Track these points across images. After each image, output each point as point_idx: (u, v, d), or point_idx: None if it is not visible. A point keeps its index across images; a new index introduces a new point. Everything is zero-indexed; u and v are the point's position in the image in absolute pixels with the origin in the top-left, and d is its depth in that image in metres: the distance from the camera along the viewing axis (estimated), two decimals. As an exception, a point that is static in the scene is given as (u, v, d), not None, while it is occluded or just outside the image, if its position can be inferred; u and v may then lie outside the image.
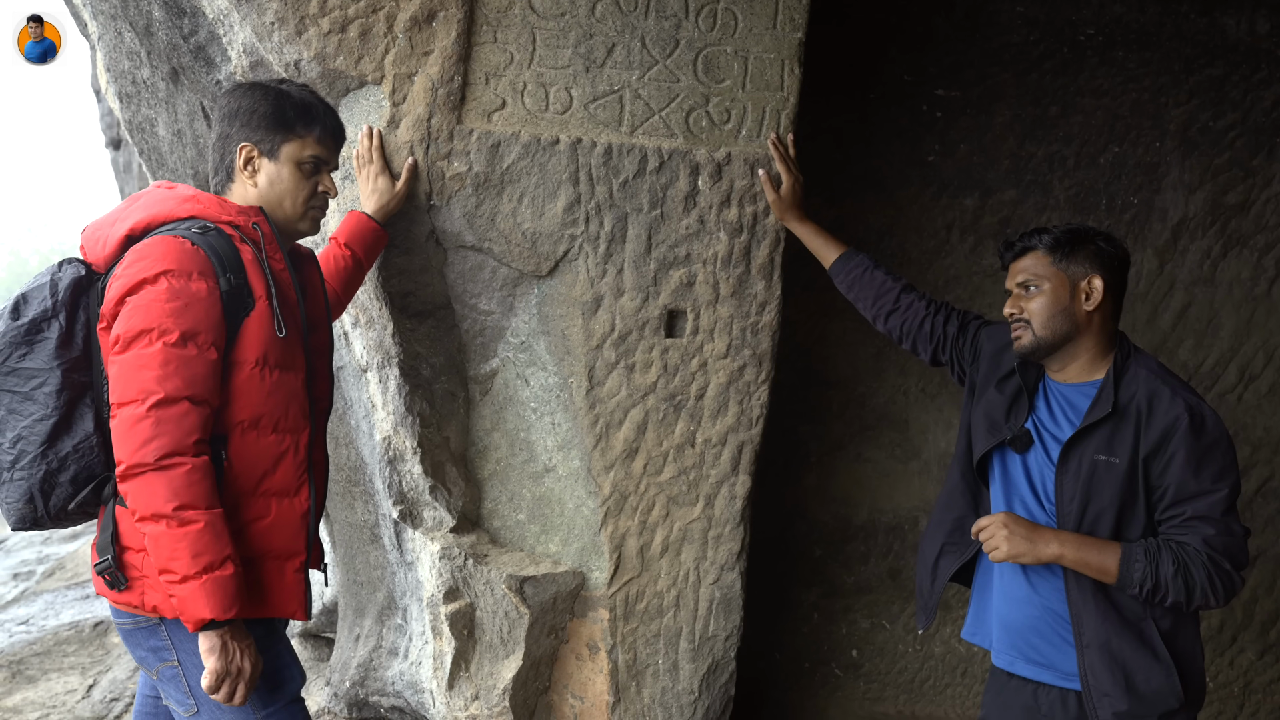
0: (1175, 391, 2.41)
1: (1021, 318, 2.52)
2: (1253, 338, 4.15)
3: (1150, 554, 2.32)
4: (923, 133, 3.86)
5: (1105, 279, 2.48)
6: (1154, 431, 2.38)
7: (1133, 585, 2.34)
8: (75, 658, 4.97)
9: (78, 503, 2.31)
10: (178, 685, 2.39)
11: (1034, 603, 2.54)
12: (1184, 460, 2.35)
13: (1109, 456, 2.42)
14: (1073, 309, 2.48)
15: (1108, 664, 2.41)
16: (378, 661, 3.68)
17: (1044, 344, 2.51)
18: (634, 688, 3.39)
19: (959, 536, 2.71)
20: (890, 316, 3.02)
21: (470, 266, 3.14)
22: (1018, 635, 2.57)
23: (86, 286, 2.35)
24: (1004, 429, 2.59)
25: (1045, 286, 2.49)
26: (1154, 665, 2.40)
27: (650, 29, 3.02)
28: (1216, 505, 2.34)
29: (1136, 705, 2.40)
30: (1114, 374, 2.46)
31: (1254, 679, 4.49)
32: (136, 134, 3.82)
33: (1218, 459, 2.36)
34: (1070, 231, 2.51)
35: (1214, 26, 3.83)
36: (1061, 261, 2.49)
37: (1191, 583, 2.30)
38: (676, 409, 3.24)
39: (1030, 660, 2.56)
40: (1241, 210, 4.02)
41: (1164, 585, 2.31)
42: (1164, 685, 2.40)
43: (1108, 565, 2.36)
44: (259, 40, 2.90)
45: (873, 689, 4.31)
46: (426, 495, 3.27)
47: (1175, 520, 2.37)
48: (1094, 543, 2.38)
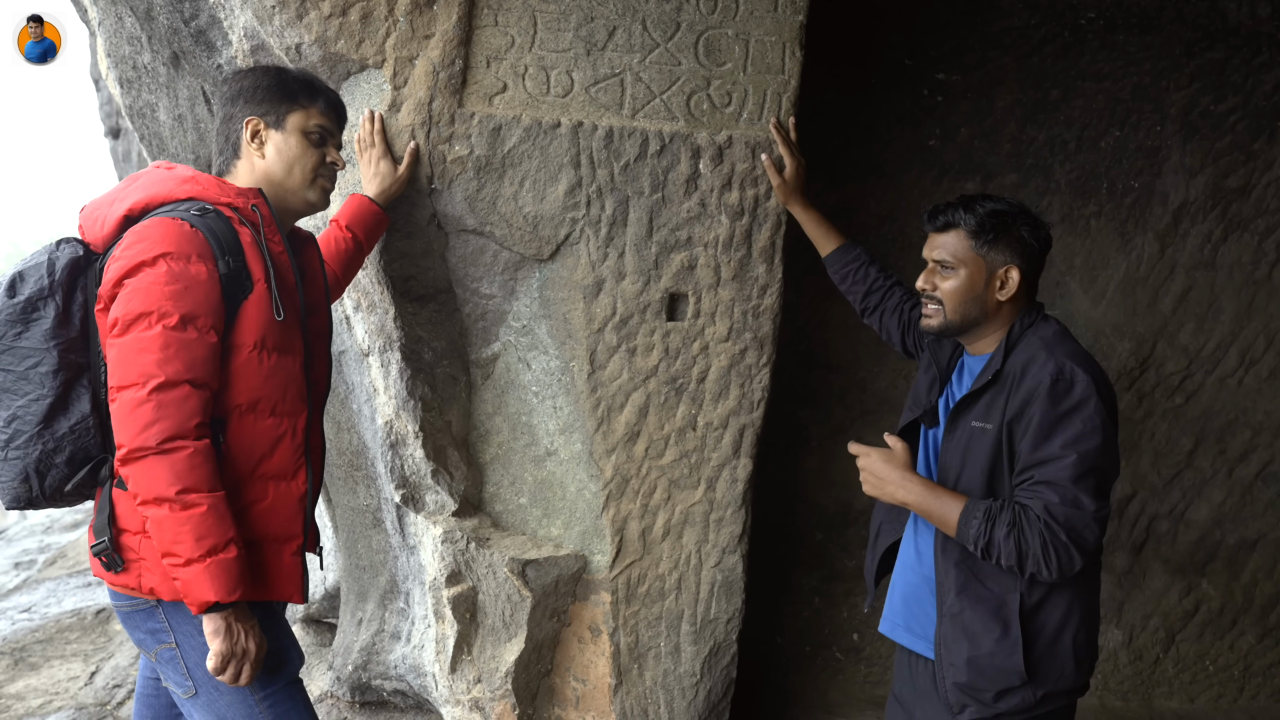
0: (1051, 355, 2.34)
1: (934, 295, 2.49)
2: (1253, 321, 4.16)
3: (990, 513, 2.27)
4: (924, 117, 3.86)
5: (1022, 269, 2.44)
6: (1020, 395, 2.33)
7: (968, 541, 2.29)
8: (78, 645, 4.98)
9: (74, 484, 2.30)
10: (176, 667, 2.39)
11: (917, 571, 2.56)
12: (1037, 424, 2.28)
13: (984, 423, 2.39)
14: (985, 296, 2.45)
15: (956, 634, 2.40)
16: (380, 645, 3.69)
17: (952, 326, 2.50)
18: (636, 670, 3.40)
19: (895, 514, 2.72)
20: (874, 312, 3.07)
21: (472, 250, 3.14)
22: (902, 604, 2.61)
23: (84, 266, 2.33)
24: (922, 405, 2.63)
25: (962, 271, 2.45)
26: (1000, 640, 2.36)
27: (651, 12, 3.01)
28: (1063, 472, 2.24)
29: (976, 678, 2.37)
30: (1005, 343, 2.44)
31: (1254, 662, 4.50)
32: (137, 119, 3.81)
33: (1075, 425, 2.27)
34: (995, 215, 2.44)
35: (1215, 10, 3.82)
36: (982, 247, 2.44)
37: (1025, 548, 2.23)
38: (678, 392, 3.24)
39: (910, 630, 2.58)
40: (1242, 194, 4.02)
41: (996, 546, 2.26)
42: (1005, 662, 2.35)
43: (949, 518, 2.32)
44: (260, 24, 2.90)
45: (874, 672, 4.32)
46: (428, 479, 3.27)
47: (1024, 484, 2.30)
48: (942, 494, 2.34)
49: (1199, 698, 4.54)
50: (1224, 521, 4.36)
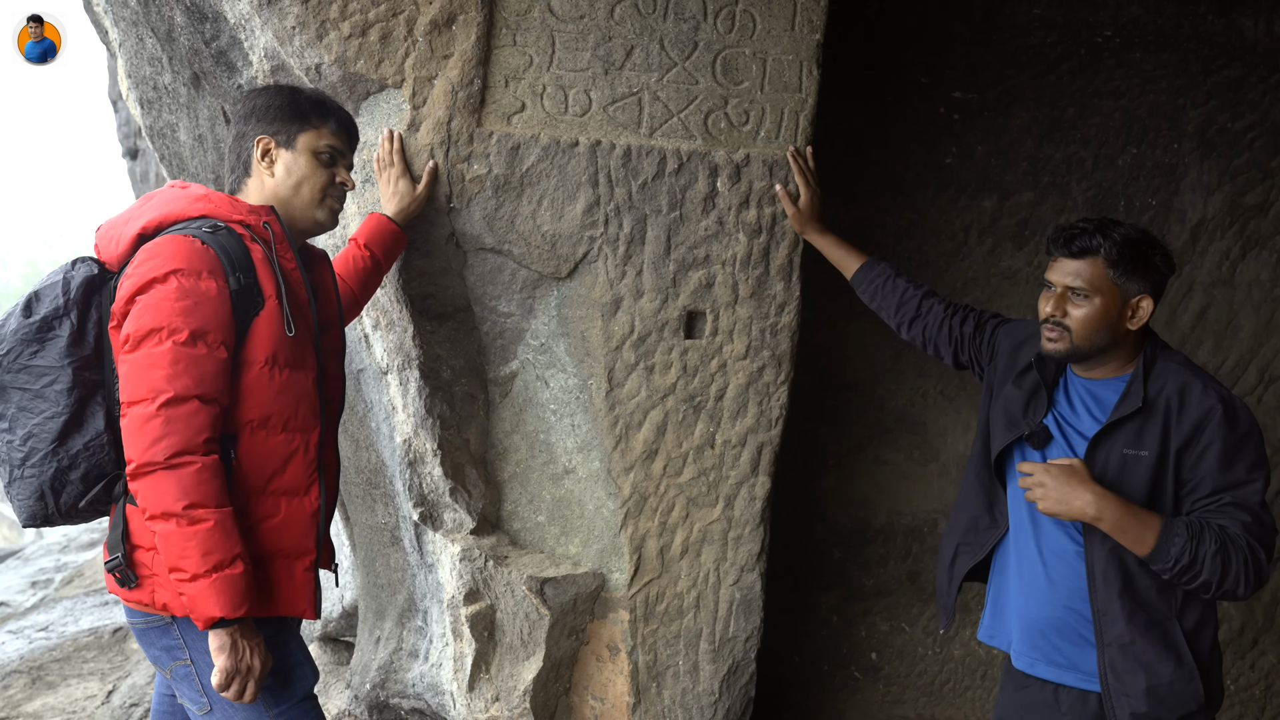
0: (1206, 385, 2.39)
1: (1062, 322, 2.44)
2: (1272, 339, 4.14)
3: (1193, 530, 2.27)
4: (940, 135, 3.86)
5: (1155, 299, 2.43)
6: (1186, 423, 2.36)
7: (1168, 559, 2.27)
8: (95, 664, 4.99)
9: (88, 500, 2.32)
10: (191, 684, 2.40)
11: (1055, 602, 2.51)
12: (1220, 452, 2.33)
13: (1137, 450, 2.39)
14: (1117, 325, 2.42)
15: (1129, 664, 2.39)
16: (398, 663, 3.68)
17: (1080, 353, 2.46)
18: (654, 689, 3.39)
19: (973, 536, 2.70)
20: (913, 324, 3.03)
21: (490, 269, 3.15)
22: (1039, 635, 2.55)
23: (99, 285, 2.36)
24: (1022, 424, 2.57)
25: (1097, 300, 2.40)
26: (1177, 668, 2.38)
27: (669, 31, 3.03)
28: (1253, 495, 2.33)
29: (1156, 707, 2.38)
30: (1143, 369, 2.44)
31: (1275, 682, 4.46)
32: (157, 139, 3.84)
33: (1251, 451, 2.35)
34: (1133, 245, 2.40)
35: (1232, 28, 3.82)
36: (1120, 277, 2.40)
37: (1228, 565, 2.26)
38: (696, 410, 3.24)
39: (1051, 661, 2.54)
40: (1260, 211, 4.01)
41: (1200, 563, 2.25)
42: (1185, 689, 2.38)
43: (1146, 536, 2.29)
44: (280, 45, 2.92)
45: (892, 692, 4.30)
46: (447, 497, 3.28)
47: (1212, 505, 2.33)
48: (1135, 510, 2.31)
49: (1220, 717, 4.50)
50: (1244, 540, 4.33)
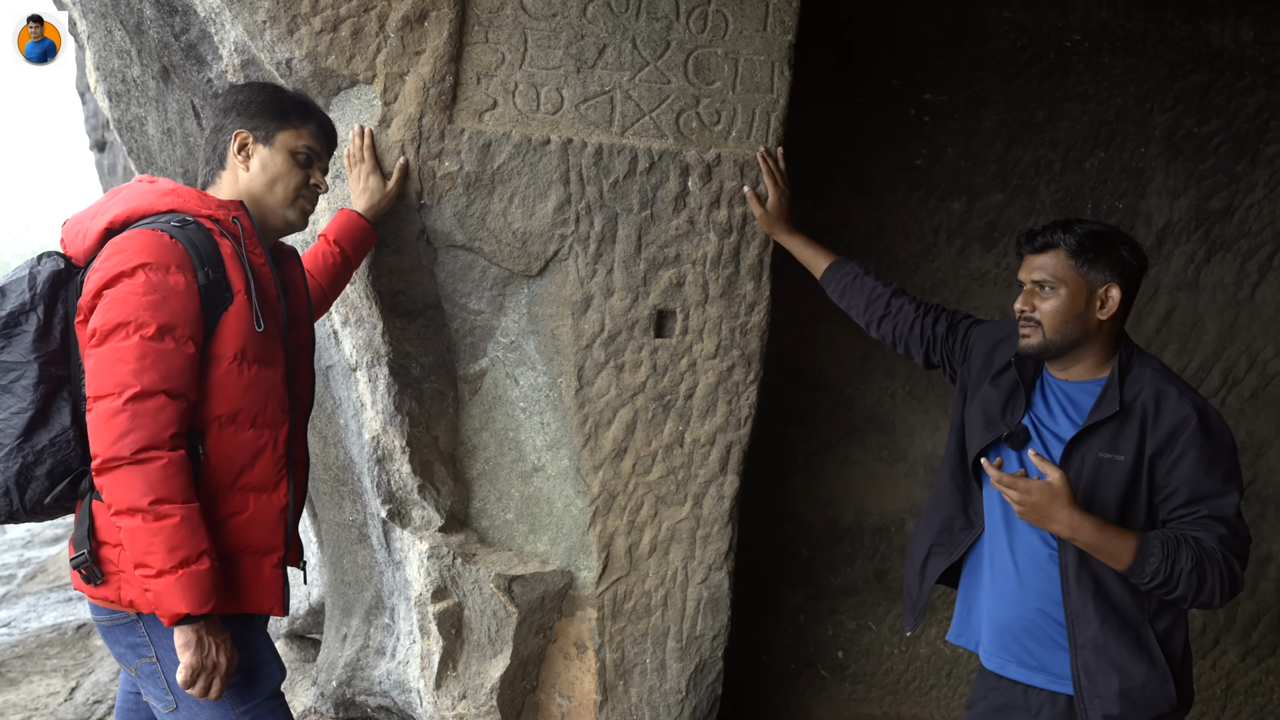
0: (1182, 392, 2.41)
1: (1033, 317, 2.49)
2: (1235, 342, 4.18)
3: (1168, 547, 2.28)
4: (910, 137, 3.88)
5: (1123, 289, 2.46)
6: (1161, 430, 2.38)
7: (1144, 575, 2.30)
8: (58, 660, 4.94)
9: (54, 496, 2.30)
10: (156, 681, 2.38)
11: (1026, 604, 2.53)
12: (1195, 460, 2.35)
13: (1113, 454, 2.41)
14: (1086, 316, 2.46)
15: (1102, 667, 2.40)
16: (365, 661, 3.67)
17: (1052, 347, 2.49)
18: (621, 687, 3.40)
19: (946, 537, 2.71)
20: (882, 322, 3.03)
21: (460, 266, 3.15)
22: (1009, 637, 2.56)
23: (66, 280, 2.34)
24: (1000, 425, 2.58)
25: (1062, 291, 2.45)
26: (1150, 670, 2.40)
27: (641, 30, 3.03)
28: (1229, 507, 2.34)
29: (1129, 710, 2.39)
30: (1119, 373, 2.46)
31: (1236, 681, 4.51)
32: (126, 133, 3.81)
33: (1225, 460, 2.37)
34: (1095, 235, 2.46)
35: (1199, 34, 3.86)
36: (1083, 266, 2.45)
37: (1204, 580, 2.28)
38: (665, 409, 3.25)
39: (1022, 663, 2.55)
40: (1225, 216, 4.05)
41: (1176, 579, 2.28)
42: (1159, 691, 2.40)
43: (1121, 553, 2.31)
44: (251, 39, 2.91)
45: (858, 690, 4.32)
46: (415, 494, 3.27)
47: (1188, 518, 2.35)
48: (1112, 531, 2.33)
49: (1182, 717, 4.55)
50: (1207, 541, 4.37)
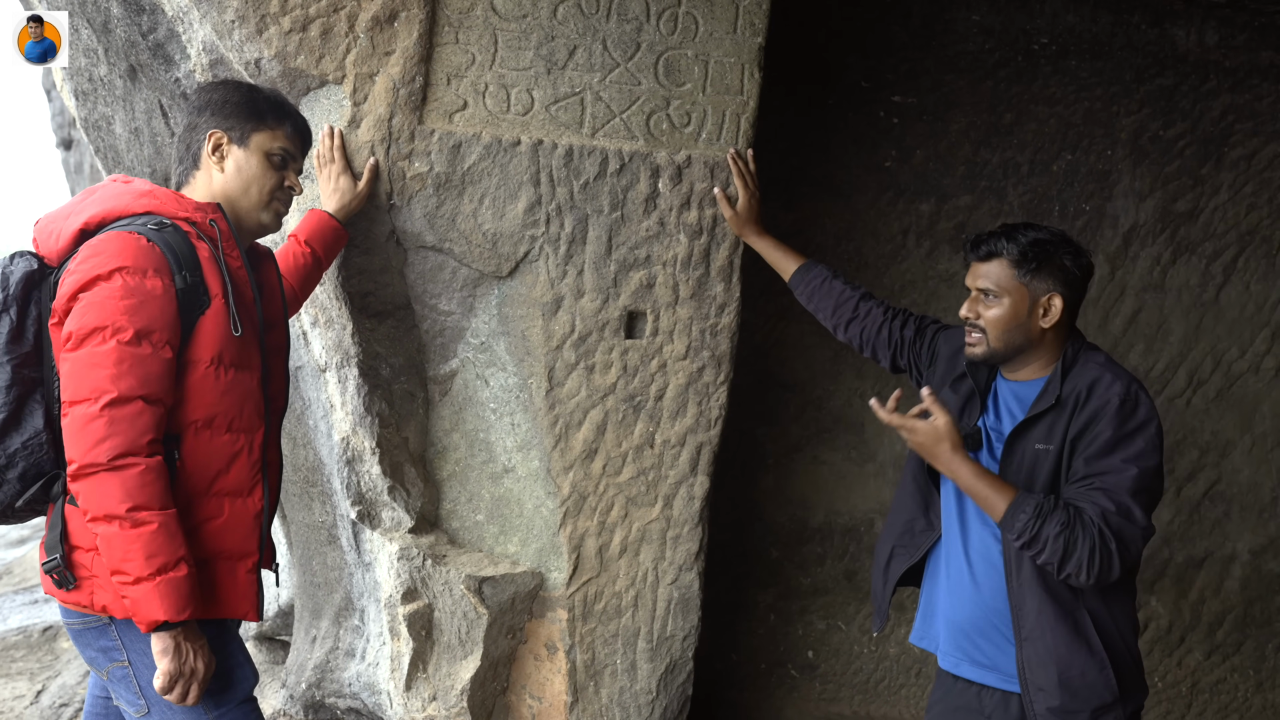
0: (1116, 378, 2.42)
1: (978, 324, 2.52)
2: (1201, 343, 4.23)
3: (1041, 510, 2.29)
4: (880, 138, 3.91)
5: (1065, 297, 2.48)
6: (1086, 413, 2.39)
7: (1013, 530, 2.31)
8: (23, 663, 4.90)
9: (25, 500, 2.27)
10: (128, 685, 2.36)
11: (978, 602, 2.55)
12: (1106, 440, 2.35)
13: (1046, 445, 2.43)
14: (1029, 324, 2.48)
15: (1042, 657, 2.41)
16: (334, 663, 3.66)
17: (997, 354, 2.53)
18: (592, 688, 3.40)
19: (908, 539, 2.72)
20: (850, 325, 3.04)
21: (430, 267, 3.14)
22: (962, 636, 2.58)
23: (39, 280, 2.31)
24: (959, 428, 2.61)
25: (1005, 300, 2.48)
26: (1088, 657, 2.40)
27: (612, 32, 3.03)
28: (1123, 483, 2.32)
29: (1069, 700, 2.40)
30: (1061, 368, 2.48)
31: (1201, 679, 4.56)
32: (92, 132, 3.78)
33: (1138, 442, 2.36)
34: (1038, 245, 2.47)
35: (1164, 37, 3.90)
36: (1025, 276, 2.47)
37: (1070, 549, 2.27)
38: (636, 410, 3.25)
39: (975, 662, 2.57)
40: (1190, 218, 4.09)
41: (1042, 542, 2.28)
42: (1097, 678, 2.40)
43: (997, 504, 2.34)
44: (219, 38, 2.89)
45: (828, 690, 4.34)
46: (385, 496, 3.26)
47: (1079, 486, 2.35)
48: (993, 480, 2.37)
49: (1148, 714, 4.59)
50: (1172, 540, 4.42)
